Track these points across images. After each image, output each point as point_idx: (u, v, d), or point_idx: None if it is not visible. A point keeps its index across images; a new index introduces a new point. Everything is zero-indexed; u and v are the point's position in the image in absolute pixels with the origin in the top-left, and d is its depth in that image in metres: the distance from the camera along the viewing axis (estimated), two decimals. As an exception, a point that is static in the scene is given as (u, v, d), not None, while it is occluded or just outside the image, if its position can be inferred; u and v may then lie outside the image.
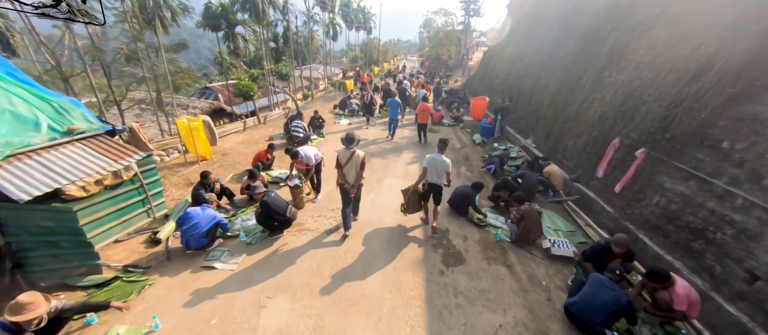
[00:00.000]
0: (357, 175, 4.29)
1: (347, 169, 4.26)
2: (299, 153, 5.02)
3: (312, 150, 5.29)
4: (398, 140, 9.67)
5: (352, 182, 4.30)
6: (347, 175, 4.29)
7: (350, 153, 4.21)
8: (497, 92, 13.92)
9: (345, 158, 4.22)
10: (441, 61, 33.21)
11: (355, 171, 4.28)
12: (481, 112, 11.48)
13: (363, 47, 47.69)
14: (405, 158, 8.06)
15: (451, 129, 11.52)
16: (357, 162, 4.25)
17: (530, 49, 11.66)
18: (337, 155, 4.29)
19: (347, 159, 4.21)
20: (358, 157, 4.26)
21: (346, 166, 4.24)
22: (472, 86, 19.71)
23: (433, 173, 4.62)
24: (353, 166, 4.25)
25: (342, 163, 4.24)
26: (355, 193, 4.44)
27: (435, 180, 4.65)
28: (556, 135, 8.14)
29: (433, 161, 4.57)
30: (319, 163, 5.51)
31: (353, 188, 4.33)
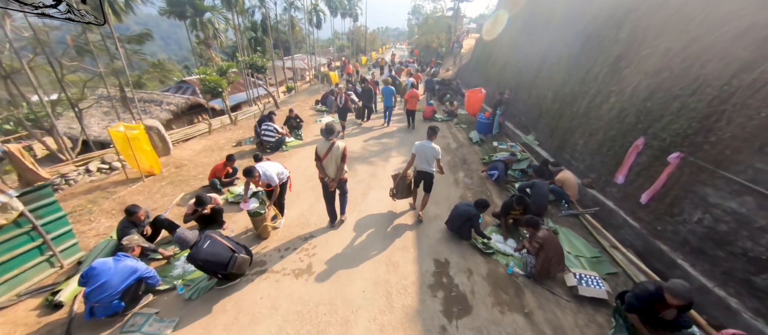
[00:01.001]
0: (337, 168, 4.02)
1: (326, 162, 4.01)
2: (255, 170, 3.93)
3: (274, 167, 4.19)
4: (386, 141, 8.63)
5: (333, 176, 4.06)
6: (327, 168, 4.05)
7: (329, 145, 3.94)
8: (493, 82, 12.95)
9: (324, 149, 3.96)
10: (431, 49, 31.95)
11: (335, 164, 4.01)
12: (477, 105, 10.51)
13: (350, 36, 45.81)
14: (393, 163, 7.03)
15: (444, 125, 10.52)
16: (337, 154, 3.96)
17: (530, 35, 10.66)
18: (316, 147, 4.04)
19: (326, 151, 3.95)
20: (338, 149, 3.96)
21: (326, 158, 3.99)
22: (464, 76, 18.67)
23: (421, 159, 4.54)
24: (333, 158, 3.98)
25: (321, 155, 3.99)
26: (334, 187, 4.15)
27: (424, 167, 4.56)
28: (562, 132, 7.24)
29: (422, 148, 4.49)
30: (285, 183, 4.43)
31: (333, 182, 4.08)
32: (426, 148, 4.47)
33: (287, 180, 4.43)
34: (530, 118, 9.06)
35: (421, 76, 18.18)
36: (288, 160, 6.86)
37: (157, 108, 19.13)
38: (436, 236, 4.54)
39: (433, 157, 4.45)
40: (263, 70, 12.77)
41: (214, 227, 4.33)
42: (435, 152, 4.43)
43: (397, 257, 4.06)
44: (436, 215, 5.05)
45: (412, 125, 9.67)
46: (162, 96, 21.03)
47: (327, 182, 4.11)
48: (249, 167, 3.92)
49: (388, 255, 4.09)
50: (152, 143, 6.05)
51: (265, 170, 3.99)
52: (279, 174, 4.19)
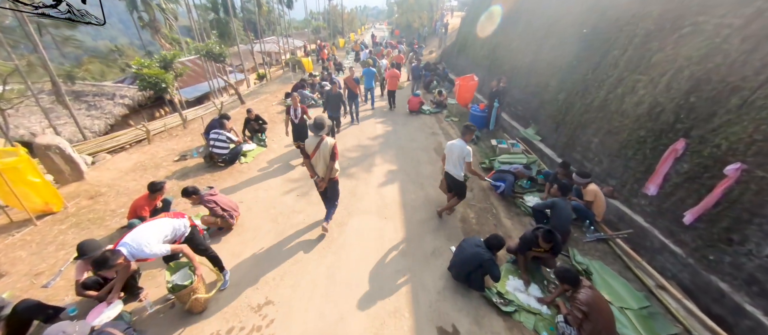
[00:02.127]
0: (327, 166, 3.72)
1: (315, 159, 3.73)
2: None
3: (158, 229, 2.69)
4: (368, 142, 7.34)
5: (322, 175, 3.78)
6: (316, 166, 3.77)
7: (318, 141, 3.64)
8: (483, 66, 11.75)
9: (312, 146, 3.68)
10: (412, 29, 30.15)
11: (324, 162, 3.71)
12: (469, 95, 9.33)
13: (326, 16, 42.77)
14: (377, 175, 5.79)
15: (433, 118, 9.31)
16: (325, 152, 3.66)
17: (527, 13, 9.42)
18: (304, 143, 3.75)
19: (315, 148, 3.66)
20: (327, 145, 3.65)
21: (314, 156, 3.70)
22: (450, 58, 17.34)
23: (450, 160, 4.11)
24: (321, 156, 3.69)
25: (309, 152, 3.71)
26: (324, 187, 3.83)
27: (452, 170, 4.12)
28: (571, 127, 6.22)
29: (451, 148, 4.08)
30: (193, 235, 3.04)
31: (323, 181, 3.78)
32: (454, 148, 4.00)
33: (183, 238, 2.96)
34: (529, 108, 8.00)
35: (403, 57, 16.81)
36: (246, 179, 5.47)
37: (110, 102, 16.79)
38: (438, 285, 3.44)
39: (461, 158, 3.94)
40: (221, 59, 10.94)
41: (126, 298, 3.01)
42: (464, 152, 3.90)
43: (387, 329, 2.93)
44: (434, 251, 3.94)
45: (393, 106, 10.01)
46: (115, 88, 18.43)
47: (316, 181, 3.81)
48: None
49: (376, 327, 2.94)
50: (54, 167, 4.51)
51: (137, 242, 2.48)
52: (171, 234, 2.76)
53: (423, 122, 8.88)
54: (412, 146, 7.10)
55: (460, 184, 4.15)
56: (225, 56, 11.01)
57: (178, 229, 2.81)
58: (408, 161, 6.32)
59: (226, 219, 3.93)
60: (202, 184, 5.18)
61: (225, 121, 5.80)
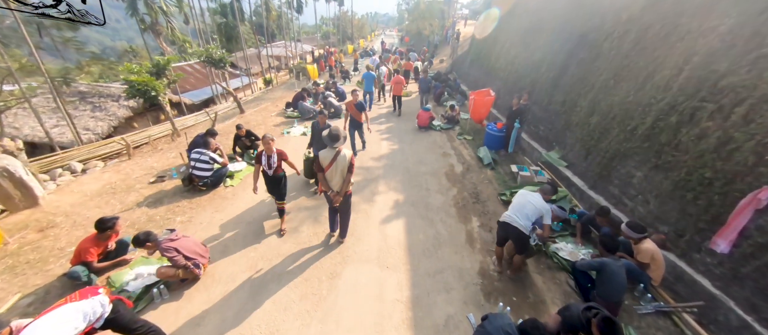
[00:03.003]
0: (343, 180, 3.48)
1: (330, 173, 3.45)
2: None
3: (66, 318, 1.95)
4: (371, 164, 6.57)
5: (337, 189, 3.51)
6: (331, 180, 3.51)
7: (334, 154, 3.39)
8: (499, 79, 10.94)
9: (327, 159, 3.40)
10: (422, 36, 29.54)
11: (341, 176, 3.46)
12: (484, 111, 8.51)
13: (335, 22, 42.61)
14: (380, 206, 4.99)
15: (445, 135, 8.50)
16: (343, 165, 3.42)
17: (552, 24, 8.61)
18: (319, 155, 3.46)
19: (330, 161, 3.38)
20: (344, 158, 3.41)
21: (329, 169, 3.42)
22: (461, 68, 16.58)
23: (518, 208, 3.38)
24: (338, 169, 3.42)
25: (324, 166, 3.42)
26: (339, 201, 3.58)
27: (516, 221, 3.27)
28: (606, 155, 5.35)
29: (525, 198, 3.44)
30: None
31: (338, 196, 3.52)
32: (531, 200, 3.34)
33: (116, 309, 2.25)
34: (553, 129, 7.14)
35: (412, 64, 16.21)
36: (229, 207, 4.73)
37: (114, 104, 16.58)
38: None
39: (535, 214, 3.28)
40: (222, 65, 10.39)
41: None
42: (544, 209, 3.28)
43: None
44: (448, 321, 3.11)
45: (398, 111, 10.06)
46: (121, 89, 18.22)
47: (331, 196, 3.58)
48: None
49: None
50: (1, 192, 3.86)
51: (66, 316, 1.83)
52: (84, 323, 1.99)
53: (433, 140, 8.08)
54: (421, 170, 6.30)
55: (524, 238, 3.31)
56: (226, 62, 10.47)
57: (93, 312, 2.04)
58: (416, 189, 5.52)
59: (190, 270, 3.18)
60: (177, 211, 4.46)
61: (210, 138, 5.10)
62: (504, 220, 3.38)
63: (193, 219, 4.24)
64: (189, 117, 15.58)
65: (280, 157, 3.89)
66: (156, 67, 7.83)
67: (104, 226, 3.14)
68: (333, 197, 3.53)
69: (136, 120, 19.34)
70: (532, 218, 3.29)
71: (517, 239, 3.32)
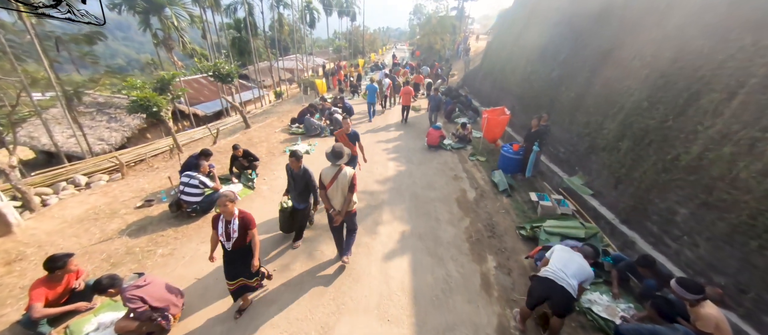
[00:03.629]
0: (344, 199, 3.34)
1: (332, 191, 3.33)
2: None
3: None
4: (375, 187, 6.09)
5: (339, 208, 3.38)
6: (332, 199, 3.38)
7: (335, 171, 3.29)
8: (513, 95, 10.42)
9: (329, 177, 3.30)
10: (433, 50, 29.39)
11: (342, 194, 3.33)
12: (498, 130, 7.97)
13: (347, 36, 43.23)
14: (383, 240, 4.48)
15: (456, 156, 7.97)
16: (344, 183, 3.30)
17: (573, 37, 8.09)
18: (320, 173, 3.39)
19: (332, 179, 3.28)
20: (346, 176, 3.30)
21: (331, 187, 3.30)
22: (473, 83, 16.13)
23: (561, 264, 2.83)
24: (339, 187, 3.30)
25: (325, 183, 3.32)
26: (340, 221, 3.44)
27: (560, 278, 2.71)
28: (640, 186, 4.71)
29: (570, 256, 2.91)
30: None
31: (339, 215, 3.38)
32: (575, 260, 2.90)
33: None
34: (575, 152, 6.53)
35: (422, 77, 16.07)
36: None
37: (130, 116, 16.86)
38: None
39: (581, 276, 2.81)
40: (229, 80, 10.28)
41: None
42: (587, 272, 2.86)
43: None
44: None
45: (405, 119, 10.60)
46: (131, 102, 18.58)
47: (332, 215, 3.45)
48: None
49: None
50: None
51: None
52: None
53: (443, 161, 7.56)
54: (430, 196, 5.77)
55: (571, 300, 2.72)
56: (234, 76, 10.35)
57: None
58: (424, 219, 4.99)
59: (156, 323, 2.72)
60: (160, 242, 4.06)
61: (203, 160, 4.74)
62: (546, 276, 2.78)
63: (176, 252, 3.83)
64: (198, 130, 15.62)
65: (243, 225, 2.76)
66: (160, 83, 7.69)
67: (53, 265, 2.73)
68: (334, 216, 3.39)
69: (149, 131, 19.64)
70: (578, 277, 2.78)
71: (563, 300, 2.71)
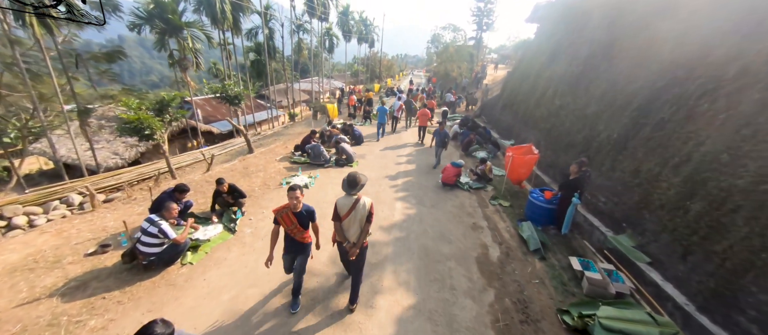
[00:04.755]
0: (361, 231, 3.13)
1: (348, 222, 3.09)
2: None
3: None
4: (380, 236, 5.13)
5: (354, 241, 3.14)
6: (347, 231, 3.14)
7: (352, 201, 3.06)
8: (538, 130, 9.44)
9: (345, 208, 3.06)
10: (450, 78, 29.06)
11: (359, 226, 3.12)
12: (524, 171, 6.95)
13: (365, 61, 44.04)
14: (380, 319, 3.45)
15: (473, 197, 6.95)
16: (362, 214, 3.08)
17: (610, 70, 7.17)
18: (336, 204, 3.11)
19: (349, 210, 3.05)
20: (364, 206, 3.09)
21: (347, 218, 3.07)
22: (492, 114, 15.26)
23: None
24: (357, 219, 3.08)
25: (341, 214, 3.07)
26: (356, 254, 3.13)
27: None
28: (726, 263, 3.54)
29: None
30: None
31: (355, 248, 3.12)
32: None
33: None
34: (619, 204, 5.41)
35: (435, 103, 15.90)
36: (177, 300, 3.43)
37: None
38: None
39: None
40: (236, 102, 9.90)
41: None
42: None
43: None
44: None
45: (421, 140, 11.04)
46: None
47: (346, 248, 3.15)
48: None
49: None
50: None
51: None
52: None
53: (460, 204, 6.55)
54: (444, 251, 4.75)
55: None
56: (241, 99, 9.96)
57: None
58: (436, 287, 3.95)
59: None
60: (98, 308, 3.20)
61: (170, 203, 3.95)
62: None
63: (111, 327, 2.95)
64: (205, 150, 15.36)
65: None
66: (159, 103, 7.25)
67: None
68: (349, 249, 3.15)
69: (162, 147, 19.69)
70: None
71: None
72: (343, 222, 3.09)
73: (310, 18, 23.69)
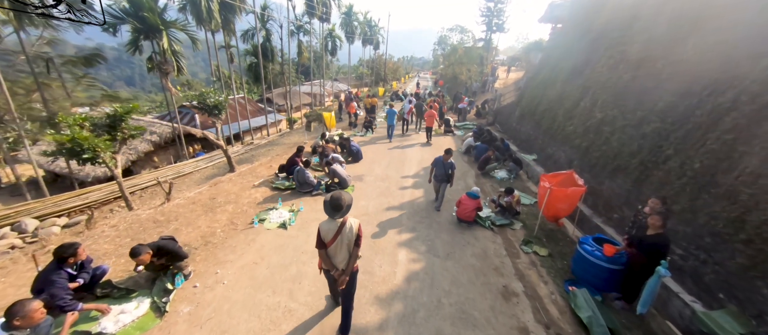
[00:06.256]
0: (350, 256, 2.85)
1: (334, 249, 2.82)
2: None
3: None
4: (373, 314, 3.63)
5: (343, 267, 2.87)
6: (334, 257, 2.86)
7: (338, 225, 2.76)
8: (570, 147, 7.85)
9: (331, 232, 2.76)
10: (458, 81, 27.46)
11: (347, 250, 2.84)
12: (566, 208, 5.35)
13: (370, 64, 42.70)
14: None
15: (498, 239, 5.39)
16: (349, 238, 2.80)
17: (678, 76, 5.54)
18: (319, 229, 2.82)
19: (334, 234, 2.76)
20: (351, 230, 2.80)
21: (333, 244, 2.79)
22: (508, 124, 13.65)
23: None
24: (344, 243, 2.80)
25: (326, 240, 2.78)
26: (345, 283, 2.88)
27: None
28: None
29: None
30: None
31: (345, 275, 2.85)
32: None
33: None
34: (711, 263, 3.83)
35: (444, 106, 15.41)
36: None
37: (137, 138, 15.87)
38: None
39: None
40: (218, 112, 8.56)
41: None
42: None
43: None
44: None
45: (429, 141, 11.61)
46: (148, 123, 17.65)
47: (335, 276, 2.89)
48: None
49: None
50: None
51: None
52: None
53: (482, 251, 5.00)
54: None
55: None
56: (222, 109, 8.59)
57: None
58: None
59: None
60: None
61: (57, 277, 2.51)
62: None
63: None
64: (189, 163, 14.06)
65: None
66: (111, 119, 5.90)
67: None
68: (338, 277, 2.86)
69: (157, 154, 18.53)
70: None
71: None
72: (328, 249, 2.81)
73: (310, 18, 22.40)
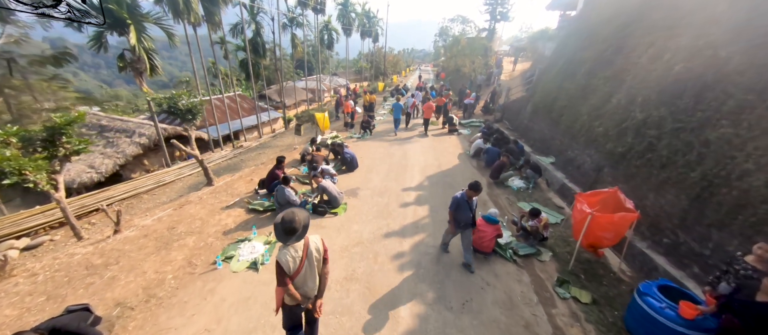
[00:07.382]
0: (321, 280, 2.44)
1: (302, 277, 2.32)
2: None
3: None
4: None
5: (315, 293, 2.42)
6: (304, 286, 2.35)
7: (302, 249, 2.27)
8: (599, 152, 6.70)
9: (296, 261, 2.24)
10: (461, 74, 26.11)
11: (317, 273, 2.40)
12: (610, 236, 4.23)
13: (369, 57, 41.22)
14: None
15: (524, 277, 4.31)
16: (317, 258, 2.36)
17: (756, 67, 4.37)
18: (278, 262, 2.23)
19: (300, 261, 2.25)
20: (317, 249, 2.36)
21: (299, 274, 2.28)
22: (518, 121, 12.43)
23: None
24: (313, 267, 2.35)
25: (292, 272, 2.25)
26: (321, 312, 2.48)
27: None
28: None
29: None
30: None
31: (321, 299, 2.44)
32: None
33: None
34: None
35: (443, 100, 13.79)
36: None
37: (127, 140, 15.16)
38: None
39: None
40: (191, 118, 7.49)
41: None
42: None
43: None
44: None
45: (426, 133, 11.97)
46: (137, 125, 16.72)
47: (307, 307, 2.41)
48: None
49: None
50: None
51: None
52: None
53: (507, 296, 3.92)
54: None
55: None
56: (195, 114, 7.50)
57: None
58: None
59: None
60: None
61: None
62: None
63: None
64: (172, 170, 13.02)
65: None
66: (49, 132, 4.82)
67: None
68: (312, 305, 2.39)
69: (147, 156, 17.49)
70: None
71: None
72: (296, 279, 2.27)
73: (304, 9, 21.05)
